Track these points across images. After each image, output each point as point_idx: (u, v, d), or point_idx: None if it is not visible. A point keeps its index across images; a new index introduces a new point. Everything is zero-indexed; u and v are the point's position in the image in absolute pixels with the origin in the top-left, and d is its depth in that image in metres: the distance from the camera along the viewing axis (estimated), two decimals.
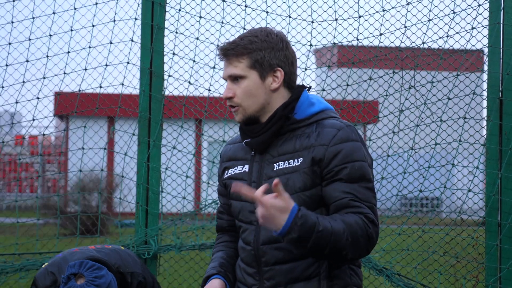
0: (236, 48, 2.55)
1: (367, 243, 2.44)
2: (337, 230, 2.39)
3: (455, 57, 5.05)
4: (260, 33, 2.58)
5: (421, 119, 4.87)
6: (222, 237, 2.82)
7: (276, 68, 2.56)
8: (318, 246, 2.38)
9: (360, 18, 4.92)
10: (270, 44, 2.56)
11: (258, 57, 2.54)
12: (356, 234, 2.41)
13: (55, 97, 5.87)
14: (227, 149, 2.77)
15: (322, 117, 2.58)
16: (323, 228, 2.37)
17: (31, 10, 5.23)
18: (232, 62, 2.56)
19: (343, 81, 5.09)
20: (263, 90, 2.56)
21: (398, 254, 4.87)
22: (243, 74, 2.55)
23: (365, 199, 2.46)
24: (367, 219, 2.44)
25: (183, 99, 5.15)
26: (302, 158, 2.51)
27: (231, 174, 2.68)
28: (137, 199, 4.86)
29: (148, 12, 4.91)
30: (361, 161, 2.48)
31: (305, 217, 2.36)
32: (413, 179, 4.94)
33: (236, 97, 2.57)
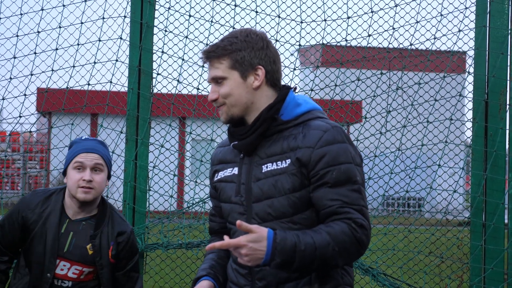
0: (217, 50, 2.59)
1: (357, 248, 2.45)
2: (321, 244, 2.41)
3: (442, 59, 5.09)
4: (240, 33, 2.61)
5: (408, 120, 4.91)
6: (214, 239, 2.84)
7: (257, 67, 2.58)
8: (304, 264, 2.41)
9: (348, 19, 4.95)
10: (250, 44, 2.59)
11: (238, 57, 2.57)
12: (343, 243, 2.42)
13: (39, 93, 5.85)
14: (218, 152, 2.79)
15: (309, 118, 2.58)
16: (305, 246, 2.40)
17: (19, 7, 5.21)
18: (214, 64, 2.60)
19: (331, 81, 5.12)
20: (244, 89, 2.58)
21: (384, 254, 4.91)
22: (224, 75, 2.59)
23: (352, 203, 2.46)
24: (355, 224, 2.44)
25: (172, 97, 5.15)
26: (289, 160, 2.51)
27: (221, 177, 2.70)
28: (124, 197, 4.86)
29: (138, 10, 4.91)
30: (347, 163, 2.48)
31: (284, 240, 2.39)
32: (400, 180, 4.98)
33: (219, 97, 2.60)
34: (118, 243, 3.56)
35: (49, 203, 3.54)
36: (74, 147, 3.55)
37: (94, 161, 3.48)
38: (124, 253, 3.58)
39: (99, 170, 3.50)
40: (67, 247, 3.49)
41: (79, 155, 3.48)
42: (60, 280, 3.49)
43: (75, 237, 3.50)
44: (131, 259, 3.62)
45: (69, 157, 3.53)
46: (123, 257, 3.59)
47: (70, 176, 3.49)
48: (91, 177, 3.46)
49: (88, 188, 3.46)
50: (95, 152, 3.51)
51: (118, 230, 3.58)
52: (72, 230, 3.51)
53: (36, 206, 3.53)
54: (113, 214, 3.62)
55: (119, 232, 3.57)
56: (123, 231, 3.59)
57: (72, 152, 3.53)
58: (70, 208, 3.54)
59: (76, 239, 3.50)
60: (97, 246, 3.51)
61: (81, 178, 3.45)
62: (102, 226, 3.53)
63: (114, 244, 3.56)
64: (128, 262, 3.61)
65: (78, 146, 3.54)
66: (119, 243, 3.56)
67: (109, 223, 3.58)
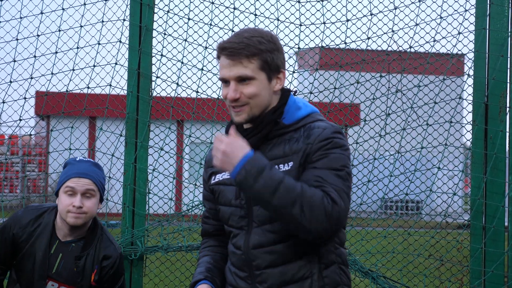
0: (248, 47, 2.48)
1: (322, 216, 2.38)
2: (289, 183, 2.38)
3: (442, 62, 5.09)
4: (265, 34, 2.53)
5: (408, 123, 4.91)
6: (208, 242, 2.82)
7: (281, 70, 2.56)
8: (264, 189, 2.36)
9: (347, 22, 4.95)
10: (276, 46, 2.54)
11: (268, 58, 2.51)
12: (310, 199, 2.37)
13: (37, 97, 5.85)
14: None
15: (310, 121, 2.59)
16: (272, 174, 2.38)
17: (18, 10, 5.21)
18: (243, 61, 2.49)
19: (330, 84, 5.12)
20: (268, 91, 2.55)
21: (384, 257, 4.90)
22: (253, 76, 2.50)
23: (332, 183, 2.44)
24: (329, 197, 2.41)
25: (171, 101, 5.15)
26: (292, 162, 2.51)
27: (218, 179, 2.68)
28: (123, 200, 4.86)
29: (137, 13, 4.91)
30: (339, 154, 2.49)
31: (259, 158, 2.40)
32: (399, 182, 4.97)
33: (243, 97, 2.52)
34: (102, 267, 3.53)
35: (41, 221, 3.52)
36: (67, 169, 3.51)
37: (85, 186, 3.44)
38: (108, 278, 3.55)
39: (90, 196, 3.46)
40: (56, 268, 3.48)
41: (71, 179, 3.44)
42: None
43: (63, 258, 3.49)
44: (115, 284, 3.59)
45: (61, 180, 3.48)
46: (106, 281, 3.56)
47: (61, 200, 3.46)
48: (81, 203, 3.42)
49: (78, 213, 3.43)
50: (87, 177, 3.45)
51: (104, 253, 3.54)
52: (61, 252, 3.49)
53: (27, 224, 3.51)
54: (103, 237, 3.58)
55: (105, 256, 3.53)
56: (109, 255, 3.55)
57: (65, 175, 3.48)
58: (60, 229, 3.52)
59: (64, 261, 3.49)
60: (80, 267, 3.48)
61: (71, 204, 3.42)
62: (89, 248, 3.51)
63: (98, 268, 3.53)
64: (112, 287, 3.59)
65: (71, 168, 3.49)
66: (103, 267, 3.53)
67: (97, 245, 3.54)
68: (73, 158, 3.57)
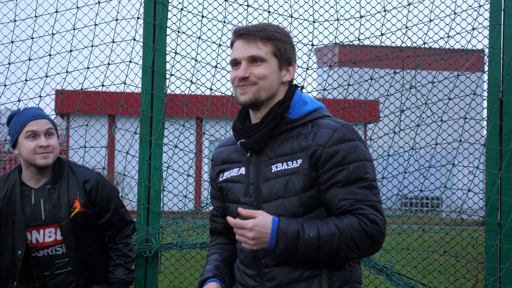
0: (264, 31, 2.56)
1: (368, 242, 2.44)
2: (325, 233, 2.41)
3: (456, 58, 5.07)
4: (281, 29, 2.62)
5: (422, 119, 4.89)
6: (217, 239, 2.83)
7: (292, 63, 2.61)
8: (308, 252, 2.42)
9: (361, 18, 4.94)
10: (290, 40, 2.62)
11: (282, 47, 2.58)
12: (351, 235, 2.42)
13: (57, 95, 5.89)
14: (220, 151, 2.76)
15: (316, 116, 2.58)
16: (308, 234, 2.41)
17: (33, 9, 5.25)
18: (257, 43, 2.55)
19: (344, 81, 5.11)
20: (277, 79, 2.58)
21: (398, 253, 4.89)
22: (266, 58, 2.56)
23: (363, 199, 2.46)
24: (366, 219, 2.44)
25: (185, 98, 5.17)
26: (301, 160, 2.51)
27: (227, 177, 2.68)
28: (138, 197, 4.88)
29: (151, 11, 4.93)
30: (358, 161, 2.48)
31: (287, 226, 2.41)
32: (414, 179, 4.96)
33: (252, 77, 2.55)
34: (88, 191, 3.57)
35: (8, 183, 3.58)
36: (18, 118, 3.53)
37: (45, 126, 3.50)
38: (99, 198, 3.61)
39: (51, 134, 3.53)
40: (44, 214, 3.51)
41: (29, 123, 3.49)
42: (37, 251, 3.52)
43: (46, 202, 3.52)
44: (110, 200, 3.64)
45: (17, 127, 3.51)
46: (100, 202, 3.61)
47: (24, 146, 3.49)
48: (47, 142, 3.48)
49: (47, 153, 3.48)
50: (43, 117, 3.52)
51: (83, 178, 3.59)
52: (41, 198, 3.53)
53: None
54: (72, 167, 3.63)
55: (85, 180, 3.59)
56: (88, 178, 3.60)
57: (19, 122, 3.51)
58: (30, 179, 3.56)
59: (48, 204, 3.52)
60: (55, 200, 3.52)
61: (37, 145, 3.47)
62: (60, 180, 3.55)
63: (81, 193, 3.56)
64: (109, 204, 3.64)
65: (21, 116, 3.52)
66: (89, 191, 3.58)
67: (69, 174, 3.58)
68: (15, 110, 3.60)
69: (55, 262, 3.54)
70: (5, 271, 3.54)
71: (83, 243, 3.59)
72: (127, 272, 3.68)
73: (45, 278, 3.53)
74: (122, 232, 3.72)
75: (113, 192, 3.69)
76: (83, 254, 3.59)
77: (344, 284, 2.55)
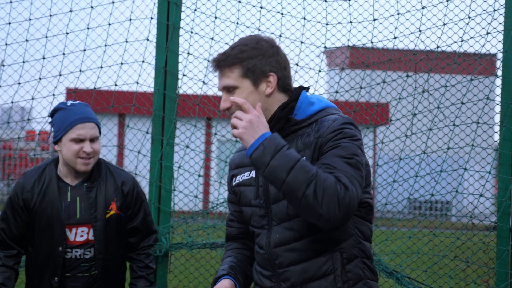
0: (227, 59, 2.57)
1: (335, 199, 2.38)
2: (305, 164, 2.40)
3: (469, 62, 5.05)
4: (250, 41, 2.59)
5: (434, 123, 4.88)
6: (232, 245, 2.85)
7: (268, 74, 2.58)
8: (279, 166, 2.38)
9: (374, 21, 4.93)
10: (261, 51, 2.57)
11: (250, 65, 2.56)
12: (323, 183, 2.38)
13: (69, 94, 5.92)
14: (235, 157, 2.80)
15: (322, 115, 2.59)
16: (289, 153, 2.41)
17: (48, 8, 5.28)
18: (225, 73, 2.58)
19: (356, 84, 5.10)
20: (257, 97, 2.57)
21: (409, 257, 4.88)
22: (236, 84, 2.57)
23: (343, 169, 2.44)
24: (339, 181, 2.41)
25: (197, 99, 5.18)
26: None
27: (239, 181, 2.71)
28: (149, 197, 4.90)
29: (164, 11, 4.94)
30: (349, 142, 2.48)
31: (277, 138, 2.44)
32: (425, 183, 4.94)
33: (233, 106, 2.57)
34: (125, 193, 3.53)
35: (44, 178, 3.49)
36: (65, 115, 3.44)
37: (92, 131, 3.42)
38: (133, 201, 3.56)
39: (96, 139, 3.45)
40: (79, 213, 3.46)
41: (77, 126, 3.40)
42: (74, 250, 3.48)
43: (82, 201, 3.48)
44: (142, 205, 3.60)
45: (64, 126, 3.42)
46: (133, 205, 3.57)
47: (67, 147, 3.40)
48: (91, 148, 3.41)
49: (88, 159, 3.42)
50: (91, 121, 3.44)
51: (122, 180, 3.55)
52: (78, 196, 3.47)
53: (33, 186, 3.49)
54: (110, 167, 3.58)
55: (123, 181, 3.54)
56: (126, 180, 3.56)
57: (66, 121, 3.42)
58: (67, 175, 3.49)
59: (84, 203, 3.47)
60: (92, 199, 3.47)
61: (81, 149, 3.39)
62: (98, 179, 3.50)
63: (118, 196, 3.52)
64: (140, 209, 3.59)
65: (70, 114, 3.43)
66: (127, 193, 3.54)
67: (108, 175, 3.53)
68: (63, 104, 3.50)
69: (81, 265, 3.50)
70: (41, 267, 3.51)
71: (112, 246, 3.54)
72: (148, 284, 3.62)
73: (65, 279, 3.49)
74: (146, 241, 3.66)
75: (144, 198, 3.66)
76: (110, 258, 3.54)
77: (358, 281, 2.55)
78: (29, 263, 3.56)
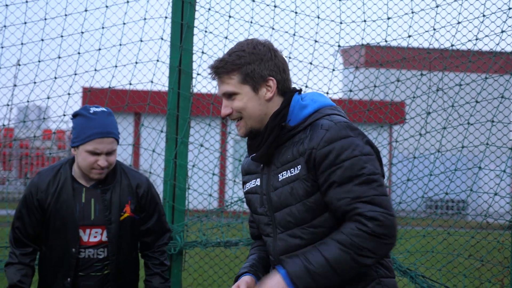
0: (226, 65, 2.56)
1: (376, 241, 2.40)
2: (332, 254, 2.40)
3: (484, 60, 5.03)
4: (247, 46, 2.57)
5: (449, 122, 4.86)
6: (256, 242, 2.87)
7: (268, 78, 2.56)
8: (326, 279, 2.41)
9: (388, 20, 4.92)
10: (259, 56, 2.56)
11: (248, 70, 2.54)
12: (355, 243, 2.39)
13: (85, 93, 5.95)
14: (244, 163, 2.81)
15: (316, 118, 2.55)
16: (315, 264, 2.41)
17: (63, 7, 5.31)
18: (224, 79, 2.57)
19: (370, 82, 5.10)
20: (257, 102, 2.57)
21: (423, 256, 4.87)
22: (236, 91, 2.56)
23: (360, 196, 2.41)
24: (365, 219, 2.40)
25: (211, 97, 5.20)
26: (300, 165, 2.50)
27: (247, 188, 2.73)
28: (164, 195, 4.92)
29: (178, 10, 4.96)
30: (352, 158, 2.43)
31: (293, 267, 2.42)
32: (439, 181, 4.93)
33: (234, 112, 2.58)
34: (139, 196, 3.54)
35: (59, 178, 3.50)
36: (85, 124, 3.42)
37: (109, 146, 3.40)
38: (147, 204, 3.57)
39: (113, 152, 3.45)
40: (93, 215, 3.47)
41: (94, 140, 3.38)
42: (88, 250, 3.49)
43: (97, 203, 3.49)
44: (156, 206, 3.61)
45: (82, 138, 3.41)
46: (148, 208, 3.58)
47: (82, 157, 3.41)
48: (107, 162, 3.41)
49: (103, 170, 3.42)
50: (109, 136, 3.41)
51: (136, 182, 3.55)
52: (92, 197, 3.48)
53: (47, 186, 3.50)
54: (124, 169, 3.58)
55: (138, 185, 3.55)
56: (141, 183, 3.56)
57: (85, 133, 3.40)
58: (82, 176, 3.50)
59: (99, 204, 3.48)
60: (107, 201, 3.48)
61: (96, 162, 3.40)
62: (114, 182, 3.51)
63: (133, 198, 3.53)
64: (154, 210, 3.60)
65: (90, 126, 3.40)
66: (141, 196, 3.55)
67: (122, 177, 3.54)
68: (85, 109, 3.48)
69: (94, 265, 3.51)
70: (54, 268, 3.52)
71: (126, 248, 3.56)
72: (163, 281, 3.66)
73: (78, 278, 3.51)
74: (160, 240, 3.69)
75: (158, 199, 3.67)
76: (124, 260, 3.55)
77: (370, 281, 2.54)
78: (42, 263, 3.58)
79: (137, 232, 3.61)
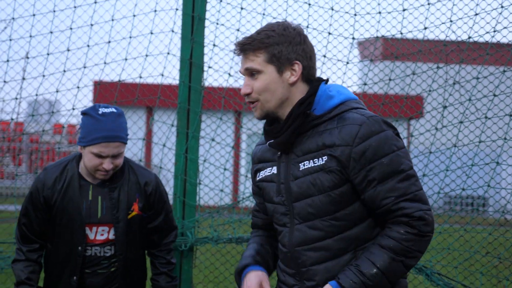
0: (253, 42, 2.51)
1: (422, 241, 2.41)
2: (384, 265, 2.40)
3: (502, 53, 4.92)
4: (278, 27, 2.53)
5: (465, 116, 4.76)
6: (257, 232, 2.81)
7: (294, 62, 2.51)
8: (382, 284, 2.40)
9: (404, 11, 4.82)
10: (288, 38, 2.51)
11: (275, 51, 2.50)
12: (405, 248, 2.40)
13: (95, 86, 5.89)
14: (257, 150, 2.75)
15: (343, 110, 2.51)
16: (371, 277, 2.40)
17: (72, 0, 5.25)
18: (249, 56, 2.53)
19: (385, 75, 4.99)
20: (280, 84, 2.51)
21: (439, 253, 4.78)
22: (260, 69, 2.51)
23: (404, 194, 2.40)
24: (412, 220, 2.39)
25: (223, 91, 5.11)
26: (326, 157, 2.45)
27: (262, 176, 2.66)
28: (174, 190, 4.85)
29: (189, 2, 4.88)
30: (391, 154, 2.41)
31: (348, 281, 2.40)
32: (456, 177, 4.83)
33: (253, 92, 2.53)
34: (148, 194, 3.49)
35: (65, 175, 3.46)
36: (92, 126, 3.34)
37: (115, 150, 3.34)
38: (156, 201, 3.53)
39: (119, 155, 3.38)
40: (100, 213, 3.43)
41: (100, 144, 3.31)
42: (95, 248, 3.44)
43: (104, 200, 3.44)
44: (164, 204, 3.56)
45: (88, 140, 3.34)
46: (156, 206, 3.53)
47: (88, 158, 3.35)
48: (112, 165, 3.35)
49: (107, 172, 3.37)
50: (116, 140, 3.34)
51: (144, 180, 3.50)
52: (99, 195, 3.44)
53: (54, 183, 3.45)
54: (132, 166, 3.52)
55: (146, 183, 3.50)
56: (149, 180, 3.51)
57: (91, 135, 3.33)
58: (89, 174, 3.45)
59: (106, 202, 3.44)
60: (114, 199, 3.43)
61: (101, 164, 3.34)
62: (121, 179, 3.46)
63: (141, 196, 3.48)
64: (162, 208, 3.56)
65: (97, 129, 3.33)
66: (149, 194, 3.50)
67: (130, 174, 3.48)
68: (94, 109, 3.38)
69: (101, 262, 3.47)
70: (60, 265, 3.48)
71: (133, 246, 3.52)
72: (170, 279, 3.63)
73: (84, 275, 3.47)
74: (167, 238, 3.65)
75: (166, 196, 3.62)
76: (131, 258, 3.51)
77: None
78: (48, 261, 3.54)
79: (145, 230, 3.56)
